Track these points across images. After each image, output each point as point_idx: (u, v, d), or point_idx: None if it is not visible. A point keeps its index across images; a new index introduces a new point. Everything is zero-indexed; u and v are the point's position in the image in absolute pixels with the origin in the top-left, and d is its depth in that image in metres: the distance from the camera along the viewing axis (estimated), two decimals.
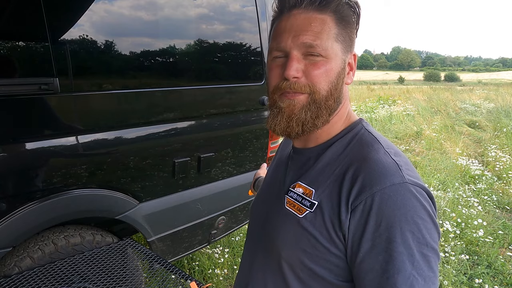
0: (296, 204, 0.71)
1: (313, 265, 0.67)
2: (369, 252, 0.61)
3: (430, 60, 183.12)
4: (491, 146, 6.09)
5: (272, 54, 0.71)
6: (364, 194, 0.62)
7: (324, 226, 0.65)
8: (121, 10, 1.65)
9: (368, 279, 0.62)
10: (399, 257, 0.58)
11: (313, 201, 0.68)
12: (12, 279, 1.42)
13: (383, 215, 0.60)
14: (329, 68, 0.67)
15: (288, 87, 0.68)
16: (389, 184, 0.61)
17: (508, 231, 3.31)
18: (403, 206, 0.60)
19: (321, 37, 0.66)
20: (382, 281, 0.60)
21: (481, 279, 2.56)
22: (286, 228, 0.71)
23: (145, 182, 1.78)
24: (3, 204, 1.37)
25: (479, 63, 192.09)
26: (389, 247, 0.59)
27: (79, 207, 1.58)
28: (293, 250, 0.69)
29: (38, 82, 1.38)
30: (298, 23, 0.67)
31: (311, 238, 0.67)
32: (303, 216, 0.69)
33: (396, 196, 0.60)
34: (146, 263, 1.67)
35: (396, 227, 0.59)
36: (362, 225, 0.61)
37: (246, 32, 2.17)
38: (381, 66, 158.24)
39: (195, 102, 2.00)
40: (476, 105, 10.97)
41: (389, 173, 0.62)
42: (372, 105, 11.16)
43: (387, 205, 0.60)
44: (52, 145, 1.47)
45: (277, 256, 0.72)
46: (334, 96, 0.69)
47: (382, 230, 0.60)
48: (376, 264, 0.60)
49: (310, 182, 0.72)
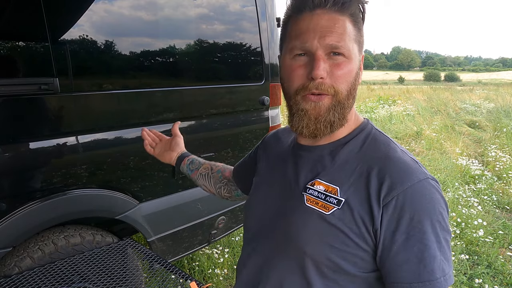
0: (319, 202, 0.72)
1: (339, 260, 0.69)
2: (405, 244, 0.65)
3: (430, 60, 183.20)
4: (491, 146, 6.09)
5: (293, 52, 0.70)
6: (396, 190, 0.66)
7: (354, 222, 0.68)
8: (121, 10, 1.65)
9: (405, 269, 0.65)
10: (432, 245, 0.64)
11: (340, 198, 0.70)
12: (12, 279, 1.42)
13: (415, 209, 0.65)
14: (350, 69, 0.69)
15: (315, 88, 0.68)
16: (417, 181, 0.66)
17: (508, 231, 3.31)
18: (431, 200, 0.66)
19: (345, 38, 0.67)
20: (420, 269, 0.64)
21: (481, 279, 2.56)
22: (310, 225, 0.72)
23: (145, 182, 1.79)
24: (3, 204, 1.37)
25: (479, 63, 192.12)
26: (423, 238, 0.64)
27: (79, 207, 1.58)
28: (319, 247, 0.70)
29: (38, 82, 1.38)
30: (323, 23, 0.67)
31: (340, 234, 0.68)
32: (331, 213, 0.70)
33: (424, 191, 0.66)
34: (146, 263, 1.67)
35: (427, 219, 0.65)
36: (395, 220, 0.65)
37: (246, 32, 2.17)
38: (381, 66, 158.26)
39: (195, 102, 1.99)
40: (476, 105, 10.98)
41: (414, 170, 0.68)
42: (372, 105, 11.17)
43: (418, 200, 0.65)
44: (52, 145, 1.47)
45: (297, 253, 0.73)
46: (353, 95, 0.72)
47: (415, 223, 0.64)
48: (412, 255, 0.64)
49: (332, 180, 0.73)
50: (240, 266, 0.87)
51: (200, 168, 1.16)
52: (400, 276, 0.65)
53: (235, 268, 2.60)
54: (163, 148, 1.21)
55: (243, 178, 1.03)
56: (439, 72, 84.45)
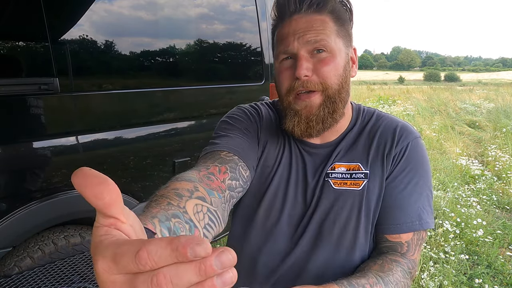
0: (347, 181, 0.77)
1: (374, 220, 0.77)
2: (390, 192, 0.76)
3: (430, 60, 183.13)
4: (491, 146, 6.09)
5: (280, 58, 0.74)
6: (400, 145, 0.76)
7: (382, 185, 0.76)
8: (121, 10, 1.65)
9: (385, 212, 0.76)
10: (413, 195, 0.75)
11: (365, 171, 0.77)
12: (12, 279, 1.42)
13: (410, 160, 0.76)
14: (336, 63, 0.71)
15: (301, 86, 0.71)
16: (414, 138, 0.78)
17: (508, 231, 3.31)
18: (422, 156, 0.77)
19: (324, 33, 0.70)
20: (397, 213, 0.75)
21: (481, 279, 2.56)
22: (347, 203, 0.77)
23: (145, 182, 1.79)
24: (3, 204, 1.37)
25: (479, 63, 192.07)
26: (406, 188, 0.75)
27: (79, 207, 1.58)
28: (360, 219, 0.76)
29: (38, 82, 1.38)
30: (301, 26, 0.70)
31: (374, 200, 0.76)
32: (362, 187, 0.76)
33: (418, 148, 0.77)
34: None
35: (415, 173, 0.76)
36: (390, 171, 0.76)
37: (246, 32, 2.17)
38: (381, 66, 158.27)
39: (195, 102, 1.99)
40: (476, 105, 10.98)
41: (411, 129, 0.79)
42: (372, 105, 11.17)
43: (413, 154, 0.76)
44: (52, 145, 1.47)
45: (340, 233, 0.77)
46: (345, 88, 0.74)
47: (404, 174, 0.76)
48: (393, 202, 0.76)
49: (349, 159, 0.79)
50: (279, 258, 0.81)
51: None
52: (383, 218, 0.76)
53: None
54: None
55: (253, 154, 0.81)
56: (439, 72, 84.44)
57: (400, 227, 0.75)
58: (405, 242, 0.76)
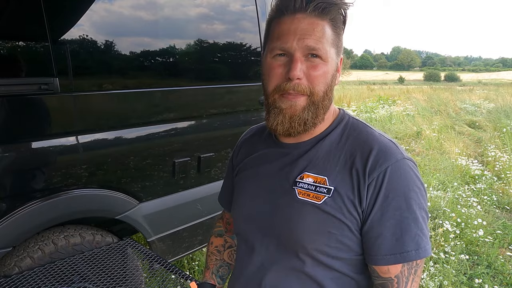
0: (310, 193, 0.75)
1: (337, 244, 0.73)
2: (379, 220, 0.70)
3: (430, 60, 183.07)
4: (491, 146, 6.09)
5: (274, 52, 0.74)
6: (376, 171, 0.70)
7: (345, 207, 0.72)
8: (121, 10, 1.65)
9: (379, 243, 0.70)
10: (405, 220, 0.69)
11: (329, 186, 0.74)
12: (12, 279, 1.41)
13: (391, 187, 0.70)
14: (326, 71, 0.72)
15: (292, 89, 0.72)
16: (394, 161, 0.71)
17: (508, 231, 3.31)
18: (405, 178, 0.71)
19: (323, 42, 0.71)
20: (392, 242, 0.69)
21: (481, 279, 2.56)
22: (306, 216, 0.74)
23: (145, 182, 1.79)
24: (3, 204, 1.37)
25: (479, 63, 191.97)
26: (396, 213, 0.69)
27: (79, 207, 1.58)
28: (318, 235, 0.73)
29: (38, 82, 1.38)
30: (302, 26, 0.71)
31: (335, 220, 0.72)
32: (323, 202, 0.73)
33: (400, 171, 0.71)
34: (146, 263, 1.67)
35: (401, 197, 0.70)
36: (374, 198, 0.70)
37: (246, 32, 2.17)
38: (381, 66, 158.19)
39: (195, 102, 1.99)
40: (476, 105, 10.98)
41: (392, 151, 0.73)
42: (372, 105, 11.16)
43: (394, 179, 0.70)
44: (52, 145, 1.47)
45: (296, 244, 0.75)
46: (328, 96, 0.75)
47: (389, 200, 0.70)
48: (385, 229, 0.70)
49: (319, 171, 0.76)
50: (239, 266, 0.88)
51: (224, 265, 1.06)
52: (376, 249, 0.71)
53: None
54: None
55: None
56: (439, 72, 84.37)
57: (390, 258, 0.70)
58: (394, 277, 0.71)
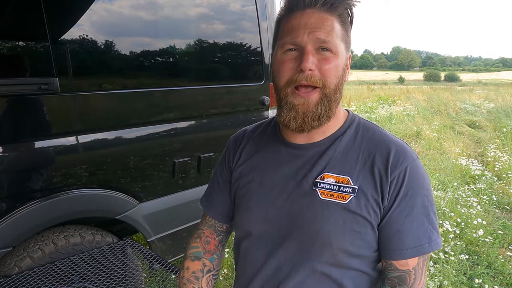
0: (334, 193, 0.76)
1: (361, 242, 0.75)
2: (397, 216, 0.74)
3: (430, 60, 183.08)
4: (491, 146, 6.09)
5: (285, 47, 0.75)
6: (398, 169, 0.74)
7: (370, 205, 0.74)
8: (121, 10, 1.65)
9: (396, 238, 0.74)
10: (420, 216, 0.74)
11: (354, 186, 0.75)
12: (12, 279, 1.42)
13: (410, 186, 0.74)
14: (337, 64, 0.73)
15: (304, 79, 0.72)
16: (412, 160, 0.75)
17: (508, 231, 3.31)
18: (421, 177, 0.76)
19: (332, 35, 0.72)
20: (408, 238, 0.73)
21: (481, 279, 2.56)
22: (331, 216, 0.75)
23: (145, 182, 1.79)
24: (3, 204, 1.37)
25: (479, 63, 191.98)
26: (413, 211, 0.74)
27: (79, 207, 1.58)
28: (343, 234, 0.75)
29: (38, 82, 1.39)
30: (312, 21, 0.72)
31: (360, 218, 0.74)
32: (348, 201, 0.74)
33: (417, 170, 0.75)
34: (146, 263, 1.67)
35: (418, 195, 0.74)
36: (394, 196, 0.74)
37: (246, 32, 2.17)
38: (381, 66, 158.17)
39: (195, 102, 1.99)
40: (476, 105, 10.97)
41: (408, 151, 0.77)
42: (372, 105, 11.16)
43: (413, 177, 0.74)
44: (52, 145, 1.47)
45: (321, 245, 0.76)
46: (339, 90, 0.76)
47: (408, 198, 0.74)
48: (403, 225, 0.74)
49: (339, 171, 0.77)
50: (250, 271, 0.85)
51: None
52: (395, 244, 0.74)
53: (234, 268, 2.61)
54: None
55: (227, 205, 0.94)
56: (439, 72, 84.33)
57: (410, 251, 0.74)
58: (412, 269, 0.75)
